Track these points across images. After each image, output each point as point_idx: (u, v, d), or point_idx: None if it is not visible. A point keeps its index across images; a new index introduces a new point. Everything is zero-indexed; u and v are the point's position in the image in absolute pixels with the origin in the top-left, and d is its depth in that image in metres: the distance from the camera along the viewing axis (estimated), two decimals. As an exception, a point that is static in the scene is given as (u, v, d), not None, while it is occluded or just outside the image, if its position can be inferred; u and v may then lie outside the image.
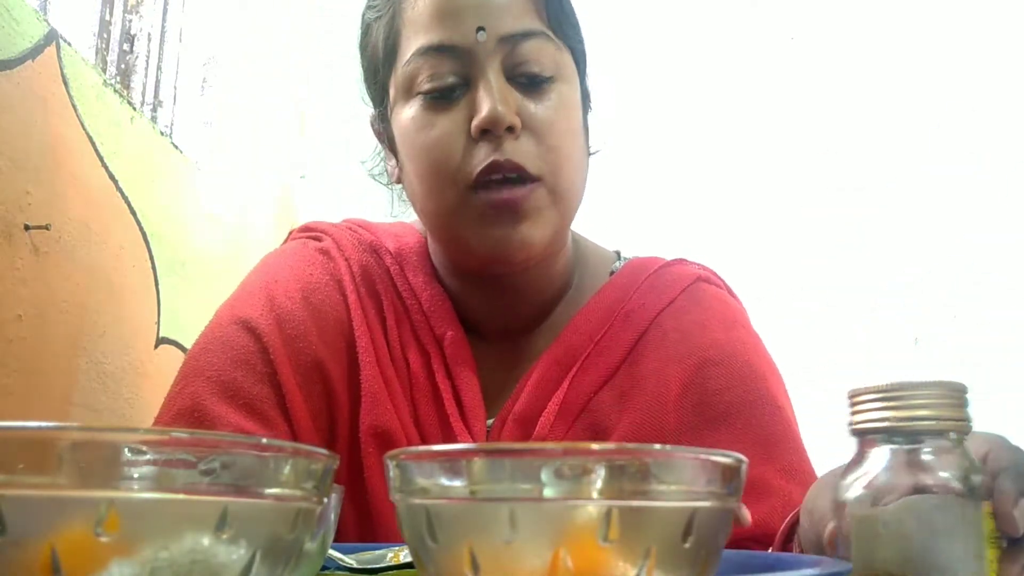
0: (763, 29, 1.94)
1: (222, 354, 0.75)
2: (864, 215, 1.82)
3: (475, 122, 0.71)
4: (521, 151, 0.72)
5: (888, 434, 0.39)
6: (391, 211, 0.87)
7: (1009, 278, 1.72)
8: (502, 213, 0.72)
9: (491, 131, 0.71)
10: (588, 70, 0.84)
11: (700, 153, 1.92)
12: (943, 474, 0.38)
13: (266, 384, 0.74)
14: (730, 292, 0.89)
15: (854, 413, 0.40)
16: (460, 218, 0.74)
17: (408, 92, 0.76)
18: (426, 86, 0.74)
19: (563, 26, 0.77)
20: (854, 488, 0.39)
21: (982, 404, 0.42)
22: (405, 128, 0.76)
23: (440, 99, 0.74)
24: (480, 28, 0.72)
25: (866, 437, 0.40)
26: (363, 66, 0.83)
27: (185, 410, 0.73)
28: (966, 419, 0.39)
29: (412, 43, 0.75)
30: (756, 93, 1.91)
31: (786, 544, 0.60)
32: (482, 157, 0.72)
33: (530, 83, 0.74)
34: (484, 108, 0.71)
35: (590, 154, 0.84)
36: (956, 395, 0.39)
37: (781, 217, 1.86)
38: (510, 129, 0.72)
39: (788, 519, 0.60)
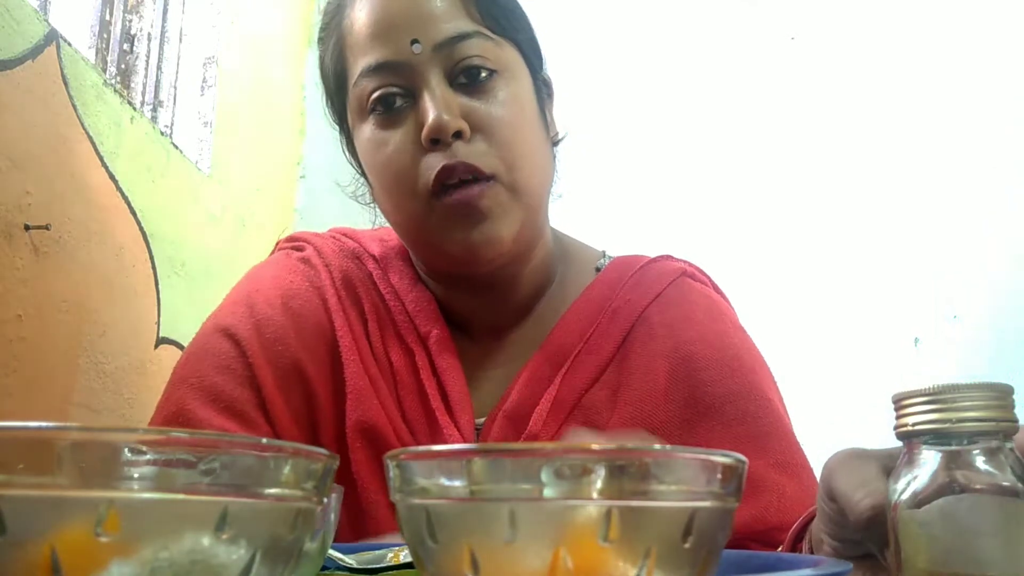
0: (763, 29, 1.94)
1: (205, 361, 0.78)
2: (864, 215, 1.82)
3: (423, 132, 0.73)
4: (473, 152, 0.74)
5: (936, 436, 0.39)
6: (374, 222, 0.88)
7: (1009, 278, 1.72)
8: (463, 214, 0.74)
9: (440, 139, 0.73)
10: (545, 59, 0.85)
11: (700, 153, 1.92)
12: (992, 474, 0.38)
13: (246, 387, 0.77)
14: (716, 288, 0.90)
15: (901, 416, 0.40)
16: (427, 226, 0.76)
17: (361, 113, 0.78)
18: (375, 105, 0.76)
19: (499, 21, 0.78)
20: (904, 489, 0.40)
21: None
22: (364, 148, 0.79)
23: (390, 115, 0.76)
24: (414, 41, 0.74)
25: (914, 440, 0.40)
26: (324, 94, 0.86)
27: (171, 416, 0.76)
28: (1012, 420, 0.39)
29: (357, 65, 0.78)
30: (756, 93, 1.91)
31: (796, 544, 0.60)
32: (434, 165, 0.74)
33: (472, 83, 0.76)
34: (429, 117, 0.73)
35: (555, 143, 0.85)
36: (1002, 396, 0.39)
37: (781, 217, 1.86)
38: (458, 134, 0.74)
39: (799, 521, 0.60)
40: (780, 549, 0.64)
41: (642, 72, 1.95)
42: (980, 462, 0.39)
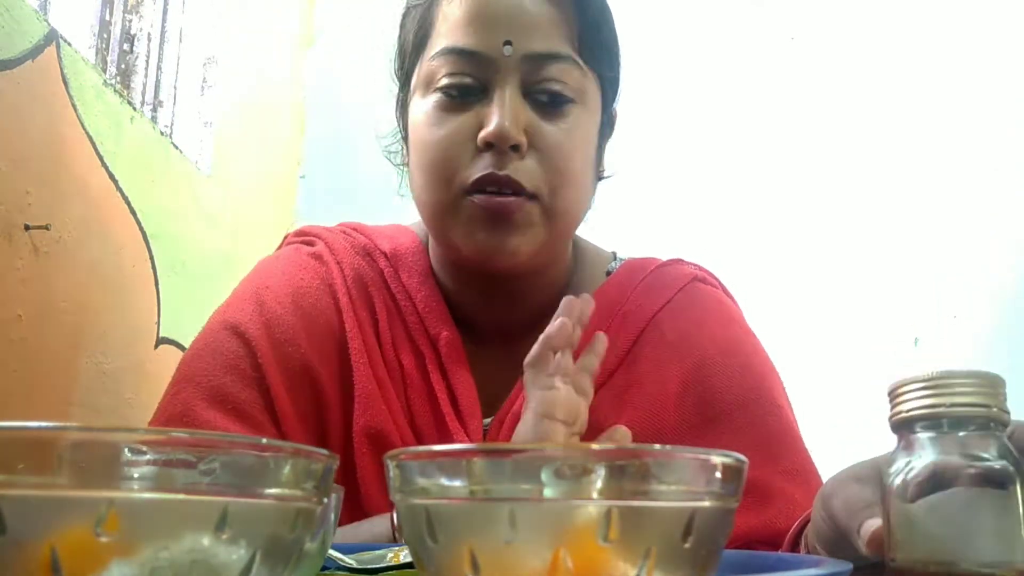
0: (763, 29, 1.94)
1: (212, 359, 0.76)
2: (864, 215, 1.82)
3: (482, 134, 0.73)
4: (522, 170, 0.73)
5: (932, 422, 0.40)
6: (399, 190, 0.87)
7: (1009, 278, 1.72)
8: (491, 219, 0.73)
9: (496, 145, 0.72)
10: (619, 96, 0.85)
11: (700, 153, 1.92)
12: (984, 459, 0.39)
13: (254, 388, 0.75)
14: (725, 292, 0.89)
15: (896, 405, 0.41)
16: (451, 218, 0.75)
17: (427, 86, 0.77)
18: (444, 86, 0.75)
19: (594, 52, 0.77)
20: (898, 476, 0.40)
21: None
22: (417, 121, 0.78)
23: (455, 100, 0.75)
24: (507, 42, 0.73)
25: (909, 426, 0.41)
26: (396, 47, 0.84)
27: (175, 416, 0.74)
28: (1004, 408, 0.40)
29: (440, 40, 0.76)
30: (756, 93, 1.91)
31: (793, 548, 0.60)
32: (480, 167, 0.73)
33: (548, 103, 0.75)
34: (492, 122, 0.72)
35: (601, 179, 0.85)
36: (994, 385, 0.40)
37: (781, 217, 1.86)
38: (515, 148, 0.73)
39: (796, 524, 0.60)
40: (779, 551, 0.64)
41: (642, 72, 1.95)
42: (973, 447, 0.39)
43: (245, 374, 0.75)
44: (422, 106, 0.77)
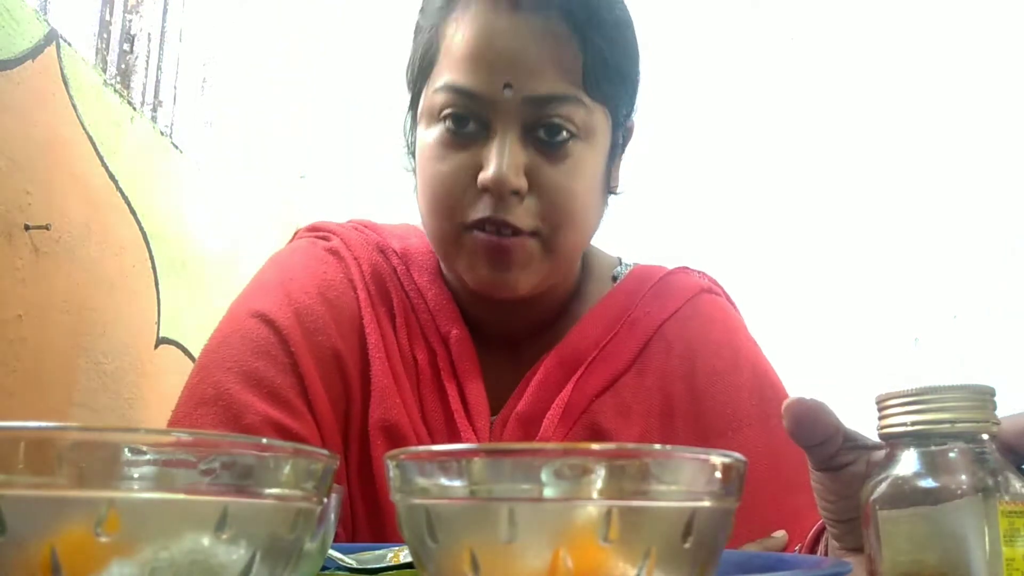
0: (763, 29, 1.94)
1: (241, 346, 0.75)
2: (864, 215, 1.82)
3: (480, 177, 0.72)
4: (520, 212, 0.72)
5: (916, 437, 0.40)
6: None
7: (1009, 278, 1.72)
8: (491, 255, 0.73)
9: (493, 192, 0.72)
10: (636, 107, 0.85)
11: (699, 153, 1.92)
12: (971, 474, 0.39)
13: (289, 374, 0.75)
14: (729, 300, 0.90)
15: (882, 417, 0.41)
16: (454, 249, 0.76)
17: (431, 116, 0.76)
18: (448, 121, 0.74)
19: (601, 86, 0.75)
20: (880, 488, 0.40)
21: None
22: (423, 150, 0.77)
23: (459, 134, 0.74)
24: (507, 84, 0.71)
25: (894, 440, 0.41)
26: (408, 60, 0.83)
27: (208, 399, 0.73)
28: (991, 421, 0.39)
29: (443, 73, 0.75)
30: (756, 93, 1.91)
31: (812, 550, 0.61)
32: (480, 208, 0.72)
33: (548, 139, 0.73)
34: (491, 168, 0.71)
35: (612, 194, 0.85)
36: (982, 398, 0.39)
37: (781, 217, 1.86)
38: (515, 192, 0.72)
39: (814, 530, 0.61)
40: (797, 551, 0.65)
41: (641, 72, 1.95)
42: (959, 462, 0.39)
43: (278, 360, 0.75)
44: (426, 136, 0.76)
